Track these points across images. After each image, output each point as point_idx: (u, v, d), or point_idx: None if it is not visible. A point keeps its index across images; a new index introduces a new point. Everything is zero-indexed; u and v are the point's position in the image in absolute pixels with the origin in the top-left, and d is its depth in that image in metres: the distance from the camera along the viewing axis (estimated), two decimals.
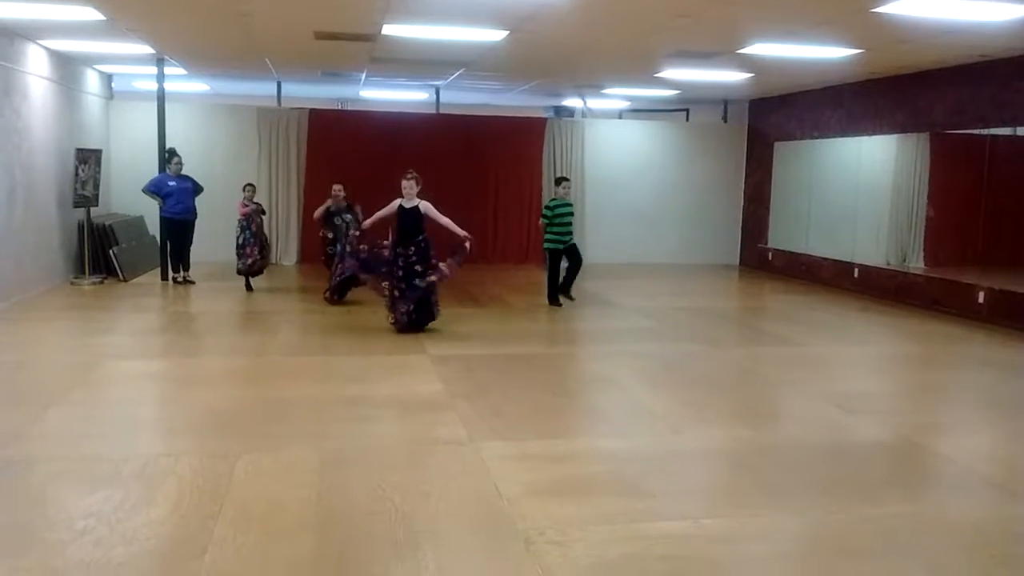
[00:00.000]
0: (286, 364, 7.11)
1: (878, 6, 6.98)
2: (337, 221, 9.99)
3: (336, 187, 10.25)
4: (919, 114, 10.97)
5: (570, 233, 10.21)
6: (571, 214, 10.30)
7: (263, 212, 11.00)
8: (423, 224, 8.21)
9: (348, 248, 8.96)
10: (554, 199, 10.26)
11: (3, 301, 9.01)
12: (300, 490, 4.28)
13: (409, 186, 8.21)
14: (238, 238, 10.57)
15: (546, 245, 10.26)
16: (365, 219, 9.14)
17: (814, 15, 7.46)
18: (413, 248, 8.13)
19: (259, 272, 10.80)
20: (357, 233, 8.99)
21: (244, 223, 10.53)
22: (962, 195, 10.99)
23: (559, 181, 10.45)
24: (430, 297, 8.26)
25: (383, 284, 8.37)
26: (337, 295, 9.82)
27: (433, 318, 8.37)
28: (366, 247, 8.57)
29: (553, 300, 10.22)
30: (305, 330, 8.74)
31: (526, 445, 5.12)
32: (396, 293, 8.20)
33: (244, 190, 10.74)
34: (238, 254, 10.57)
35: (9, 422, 5.25)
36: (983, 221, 10.32)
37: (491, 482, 4.45)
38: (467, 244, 8.32)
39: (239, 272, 10.63)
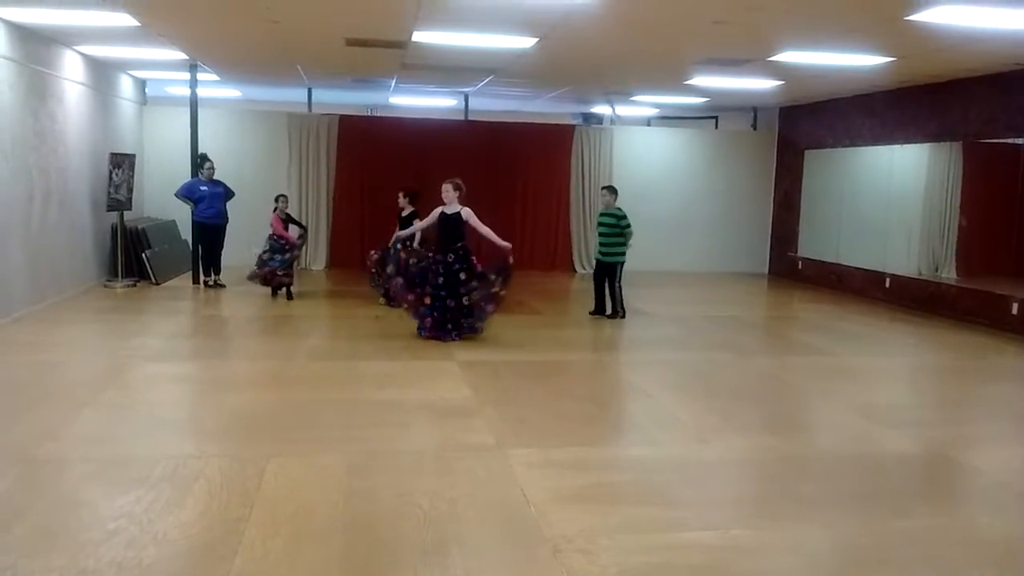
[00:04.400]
0: (315, 368, 7.15)
1: (912, 14, 6.93)
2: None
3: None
4: (952, 123, 10.86)
5: (607, 246, 9.77)
6: (611, 225, 9.70)
7: (302, 242, 11.01)
8: (463, 231, 8.24)
9: (393, 266, 8.95)
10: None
11: (38, 302, 9.14)
12: (329, 494, 4.30)
13: (446, 190, 8.28)
14: (264, 253, 10.37)
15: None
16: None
17: (847, 22, 7.41)
18: (452, 256, 8.15)
19: (279, 287, 10.64)
20: (398, 246, 9.17)
21: (279, 245, 10.37)
22: (995, 205, 10.88)
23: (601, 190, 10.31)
24: (472, 312, 8.23)
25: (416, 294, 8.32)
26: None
27: (472, 331, 8.31)
28: (414, 259, 8.73)
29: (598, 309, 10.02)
30: (334, 335, 8.80)
31: (553, 452, 5.11)
32: (427, 300, 8.20)
33: (278, 201, 10.62)
34: (261, 265, 10.38)
35: (42, 422, 5.33)
36: (1016, 231, 10.19)
37: (518, 488, 4.45)
38: (509, 258, 8.24)
39: (256, 278, 10.44)
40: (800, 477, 4.89)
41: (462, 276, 8.12)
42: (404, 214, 10.09)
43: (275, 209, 10.59)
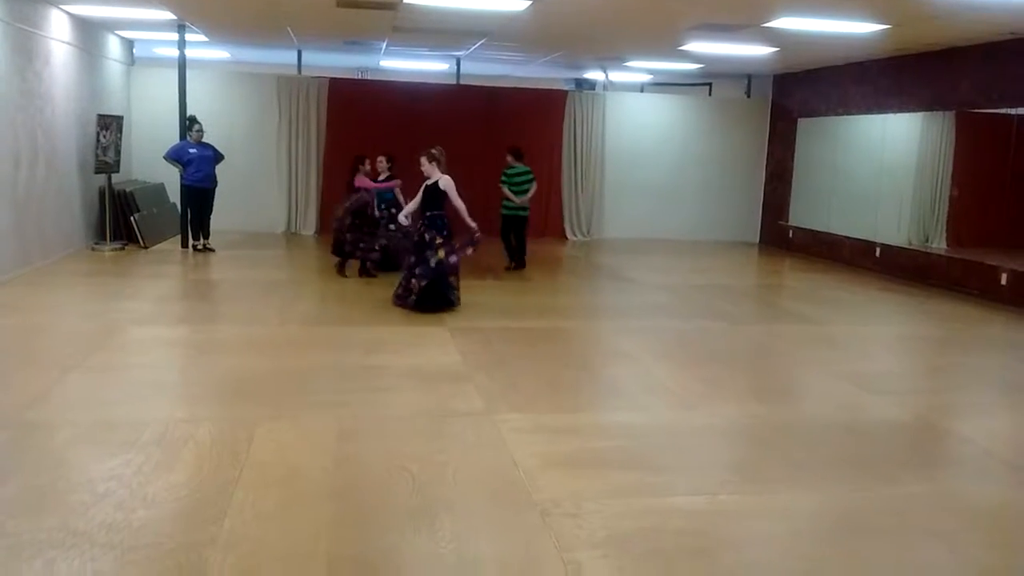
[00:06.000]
0: (305, 333, 7.14)
1: None
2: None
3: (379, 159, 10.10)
4: (945, 92, 10.82)
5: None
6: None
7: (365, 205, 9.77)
8: (442, 201, 8.05)
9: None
10: None
11: (25, 266, 9.08)
12: (318, 458, 4.31)
13: (422, 163, 8.12)
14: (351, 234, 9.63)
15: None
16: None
17: None
18: (423, 224, 8.05)
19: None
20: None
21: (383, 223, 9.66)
22: (987, 175, 10.87)
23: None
24: (444, 279, 8.05)
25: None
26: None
27: (449, 304, 8.10)
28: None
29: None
30: (324, 300, 8.77)
31: (543, 418, 5.13)
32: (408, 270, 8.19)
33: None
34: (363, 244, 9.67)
35: (30, 386, 5.31)
36: (1007, 202, 10.20)
37: (508, 453, 4.46)
38: (477, 236, 8.14)
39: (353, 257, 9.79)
40: (788, 444, 4.91)
41: (426, 237, 7.97)
42: (380, 178, 10.05)
43: (360, 171, 9.74)
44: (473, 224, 8.13)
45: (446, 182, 8.03)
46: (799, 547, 3.67)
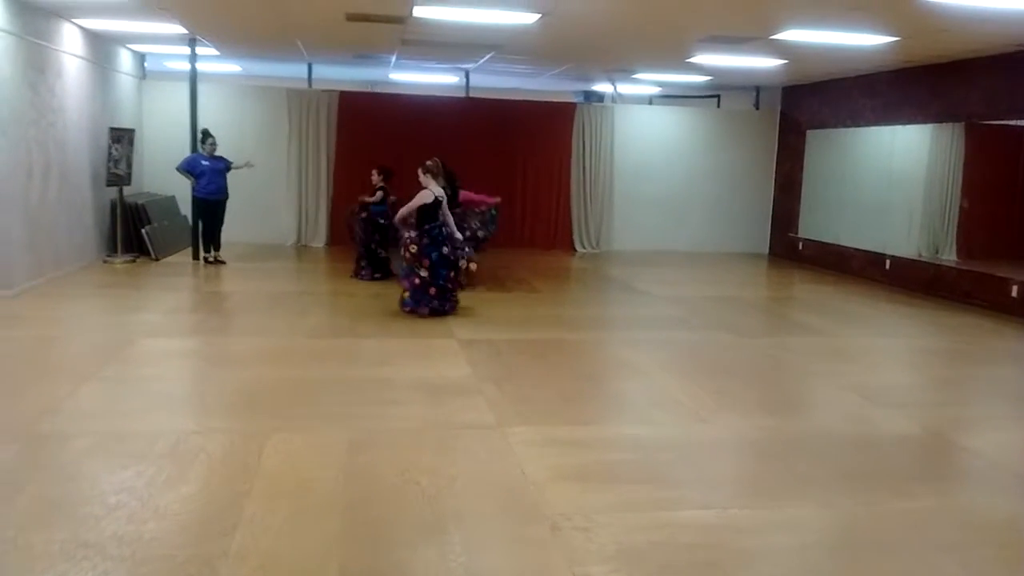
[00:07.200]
0: (315, 345, 7.16)
1: None
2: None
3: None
4: (954, 104, 10.81)
5: None
6: None
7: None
8: (435, 213, 8.35)
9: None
10: None
11: (38, 278, 9.13)
12: (329, 470, 4.32)
13: (419, 175, 8.48)
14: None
15: None
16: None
17: (851, 0, 7.36)
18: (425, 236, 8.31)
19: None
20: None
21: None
22: (997, 187, 10.86)
23: None
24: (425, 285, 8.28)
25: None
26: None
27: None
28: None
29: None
30: (334, 312, 8.80)
31: (553, 430, 5.13)
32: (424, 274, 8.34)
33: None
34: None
35: (43, 397, 5.34)
36: (1018, 214, 10.18)
37: (518, 467, 4.46)
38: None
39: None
40: (798, 457, 4.90)
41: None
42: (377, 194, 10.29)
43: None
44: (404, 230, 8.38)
45: (422, 195, 8.25)
46: (809, 561, 3.66)
